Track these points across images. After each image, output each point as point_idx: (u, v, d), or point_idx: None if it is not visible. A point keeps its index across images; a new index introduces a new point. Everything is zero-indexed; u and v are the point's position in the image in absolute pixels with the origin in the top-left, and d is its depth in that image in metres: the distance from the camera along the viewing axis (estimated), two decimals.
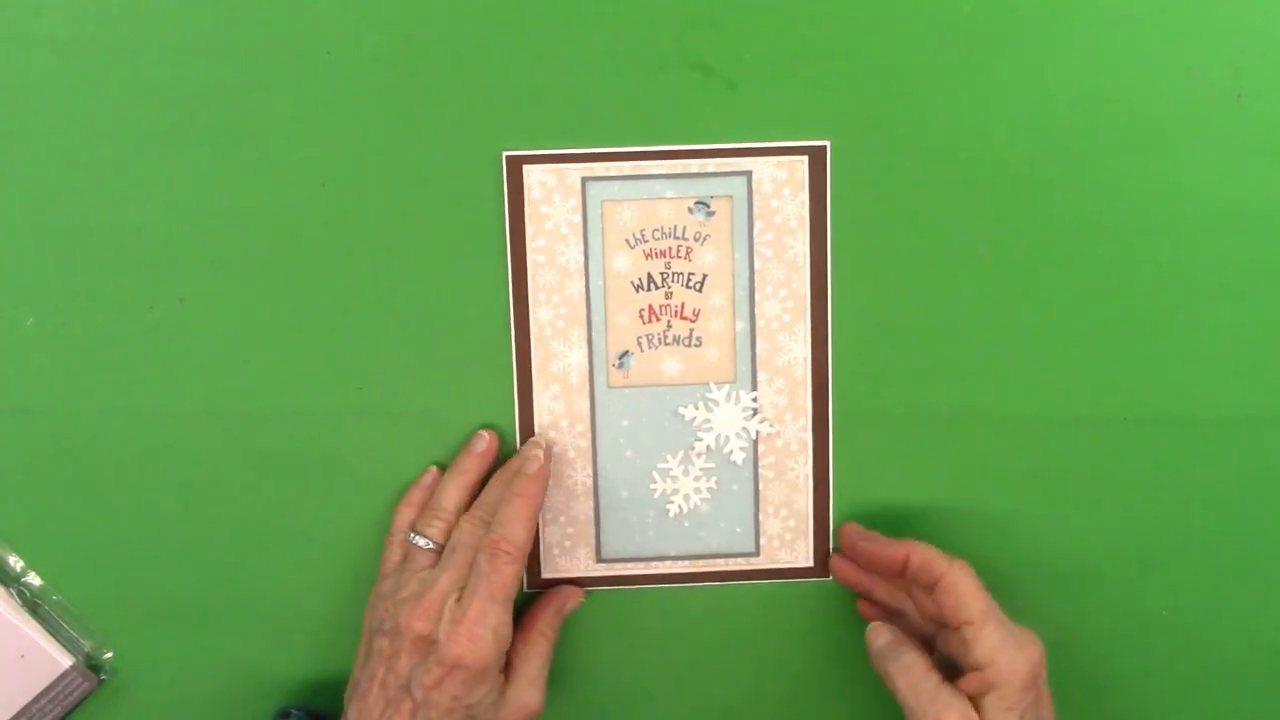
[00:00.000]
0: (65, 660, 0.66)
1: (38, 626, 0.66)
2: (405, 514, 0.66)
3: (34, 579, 0.67)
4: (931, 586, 0.62)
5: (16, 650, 0.66)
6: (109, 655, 0.68)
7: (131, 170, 0.64)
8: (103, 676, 0.68)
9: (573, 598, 0.67)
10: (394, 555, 0.65)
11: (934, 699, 0.60)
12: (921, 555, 0.62)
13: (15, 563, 0.67)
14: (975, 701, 0.60)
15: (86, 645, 0.68)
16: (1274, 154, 0.65)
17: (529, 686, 0.63)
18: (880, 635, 0.64)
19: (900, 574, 0.64)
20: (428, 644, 0.60)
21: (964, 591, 0.61)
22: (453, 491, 0.65)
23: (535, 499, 0.64)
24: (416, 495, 0.66)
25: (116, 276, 0.64)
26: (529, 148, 0.64)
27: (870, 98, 0.64)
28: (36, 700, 0.66)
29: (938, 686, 0.60)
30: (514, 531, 0.62)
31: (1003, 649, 0.60)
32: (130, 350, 0.65)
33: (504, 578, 0.61)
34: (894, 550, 0.63)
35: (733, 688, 0.66)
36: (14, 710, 0.66)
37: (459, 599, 0.61)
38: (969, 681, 0.60)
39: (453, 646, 0.59)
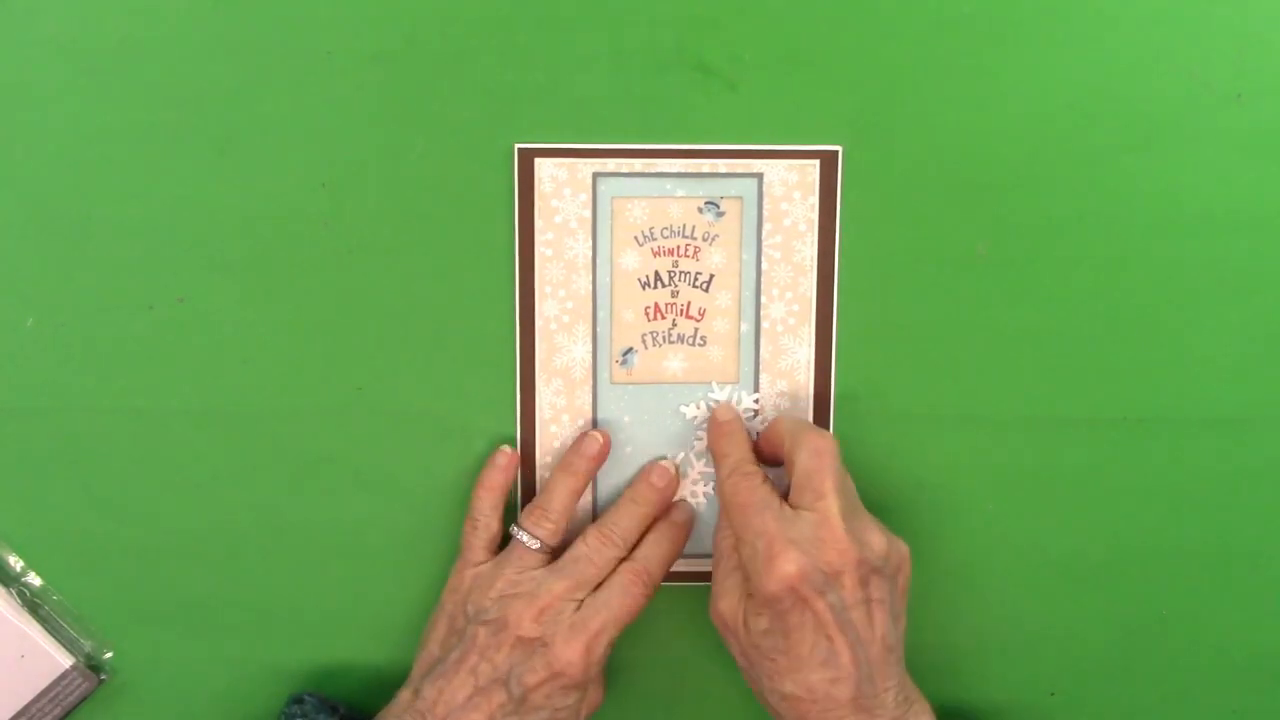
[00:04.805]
0: (65, 660, 0.66)
1: (38, 626, 0.66)
2: (485, 498, 0.65)
3: (34, 579, 0.67)
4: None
5: (16, 650, 0.66)
6: (109, 655, 0.68)
7: (131, 170, 0.63)
8: (103, 676, 0.67)
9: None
10: (478, 541, 0.65)
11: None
12: (777, 430, 0.63)
13: (15, 563, 0.67)
14: None
15: (86, 645, 0.67)
16: (1274, 154, 0.65)
17: (594, 687, 0.64)
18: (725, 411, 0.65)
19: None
20: (533, 644, 0.61)
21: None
22: (563, 494, 0.65)
23: (682, 545, 0.66)
24: (496, 478, 0.65)
25: (116, 276, 0.64)
26: (534, 144, 0.64)
27: (871, 100, 0.64)
28: (36, 700, 0.66)
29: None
30: (658, 569, 0.64)
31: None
32: (130, 350, 0.65)
33: (635, 604, 0.62)
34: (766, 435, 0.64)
35: (730, 685, 0.67)
36: (14, 710, 0.66)
37: (578, 608, 0.61)
38: None
39: (567, 652, 0.60)
